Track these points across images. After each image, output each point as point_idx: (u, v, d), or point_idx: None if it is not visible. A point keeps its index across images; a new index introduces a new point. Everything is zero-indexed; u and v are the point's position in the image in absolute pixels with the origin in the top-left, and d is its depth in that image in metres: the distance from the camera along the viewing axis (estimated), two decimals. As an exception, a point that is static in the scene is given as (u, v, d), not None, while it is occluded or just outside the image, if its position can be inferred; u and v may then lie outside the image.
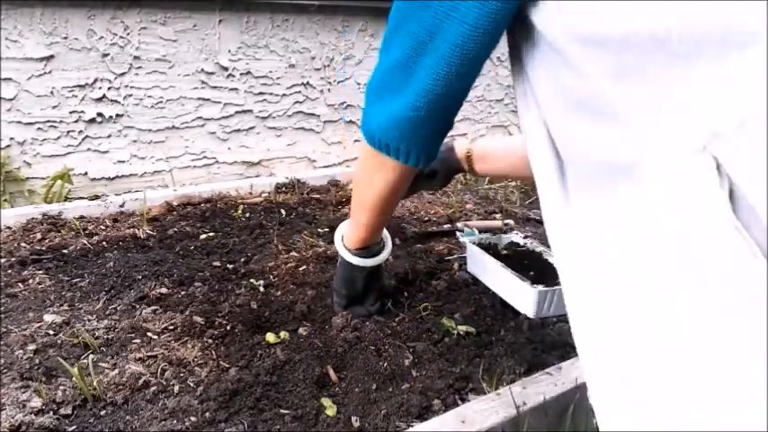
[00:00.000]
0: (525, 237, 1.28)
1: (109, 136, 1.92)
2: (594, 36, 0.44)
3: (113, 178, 1.96)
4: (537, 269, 1.11)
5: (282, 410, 0.82)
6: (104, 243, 1.33)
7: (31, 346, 0.92)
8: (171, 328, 1.00)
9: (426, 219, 1.63)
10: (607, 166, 0.46)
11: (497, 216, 1.69)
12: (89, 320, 1.01)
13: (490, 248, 1.22)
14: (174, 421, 0.79)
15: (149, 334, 0.98)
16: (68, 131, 1.85)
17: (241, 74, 2.07)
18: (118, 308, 1.06)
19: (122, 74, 1.88)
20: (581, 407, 0.89)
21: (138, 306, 1.07)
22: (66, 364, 0.85)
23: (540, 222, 1.66)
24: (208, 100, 2.04)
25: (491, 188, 1.97)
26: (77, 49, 1.79)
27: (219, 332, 0.99)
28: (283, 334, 0.99)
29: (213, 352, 0.94)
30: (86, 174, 1.91)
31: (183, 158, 2.06)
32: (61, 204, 1.54)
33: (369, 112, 0.76)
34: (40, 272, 1.18)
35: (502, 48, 0.58)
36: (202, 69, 1.99)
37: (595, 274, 0.47)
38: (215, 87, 2.04)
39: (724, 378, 0.38)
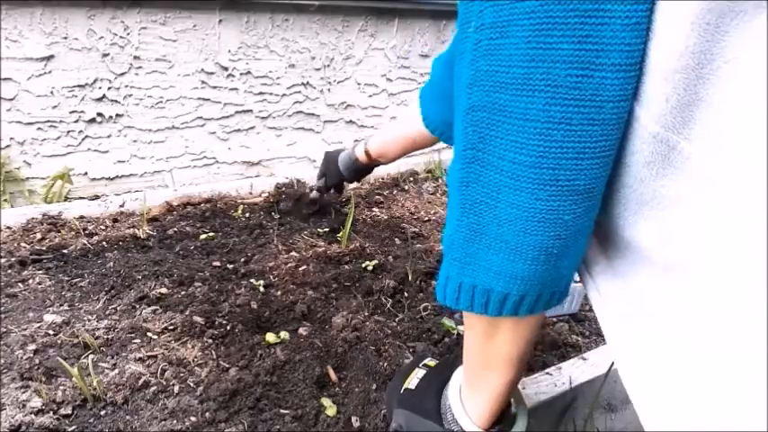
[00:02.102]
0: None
1: (109, 136, 1.92)
2: None
3: (113, 178, 1.96)
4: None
5: (282, 410, 0.82)
6: (104, 243, 1.33)
7: (31, 346, 0.92)
8: (171, 328, 1.00)
9: (426, 219, 1.63)
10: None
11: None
12: (89, 320, 1.01)
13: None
14: (174, 421, 0.79)
15: (149, 334, 0.98)
16: (68, 131, 1.85)
17: (241, 74, 2.07)
18: (118, 308, 1.06)
19: (122, 74, 1.88)
20: (581, 407, 0.89)
21: (138, 306, 1.07)
22: (66, 364, 0.85)
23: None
24: (208, 100, 2.04)
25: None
26: (77, 49, 1.79)
27: (219, 332, 0.99)
28: (283, 334, 0.99)
29: (213, 352, 0.94)
30: (86, 174, 1.91)
31: (183, 158, 2.06)
32: (61, 204, 1.54)
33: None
34: (40, 272, 1.18)
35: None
36: (202, 69, 1.99)
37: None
38: (215, 87, 2.04)
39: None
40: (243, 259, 1.29)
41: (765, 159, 0.34)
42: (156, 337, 0.97)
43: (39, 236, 1.35)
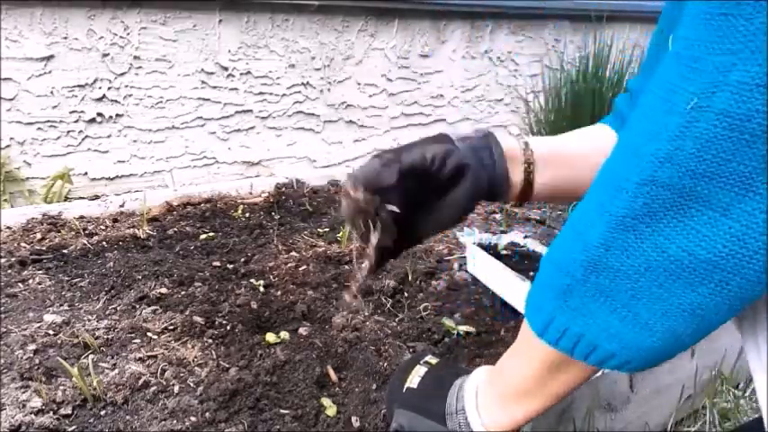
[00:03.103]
0: (525, 237, 1.29)
1: (109, 136, 1.92)
2: None
3: (113, 178, 1.97)
4: (537, 269, 1.11)
5: (282, 410, 0.82)
6: (104, 243, 1.33)
7: (31, 346, 0.92)
8: (171, 328, 1.00)
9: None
10: None
11: (497, 216, 1.69)
12: (89, 320, 1.01)
13: (490, 248, 1.22)
14: (174, 421, 0.79)
15: (149, 334, 0.98)
16: (68, 131, 1.85)
17: (241, 74, 2.07)
18: (118, 308, 1.06)
19: (122, 74, 1.88)
20: (581, 407, 0.89)
21: (138, 306, 1.07)
22: (66, 364, 0.85)
23: (540, 222, 1.66)
24: (208, 100, 2.04)
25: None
26: (77, 49, 1.79)
27: (219, 332, 0.99)
28: (283, 334, 0.99)
29: (213, 352, 0.94)
30: (86, 174, 1.91)
31: (183, 158, 2.06)
32: (61, 204, 1.54)
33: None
34: (40, 272, 1.18)
35: (501, 48, 0.55)
36: (202, 69, 2.00)
37: None
38: (215, 87, 2.04)
39: None
40: (243, 259, 1.29)
41: None
42: (156, 337, 0.97)
43: (39, 236, 1.35)
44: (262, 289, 1.15)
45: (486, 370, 0.66)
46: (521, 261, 1.18)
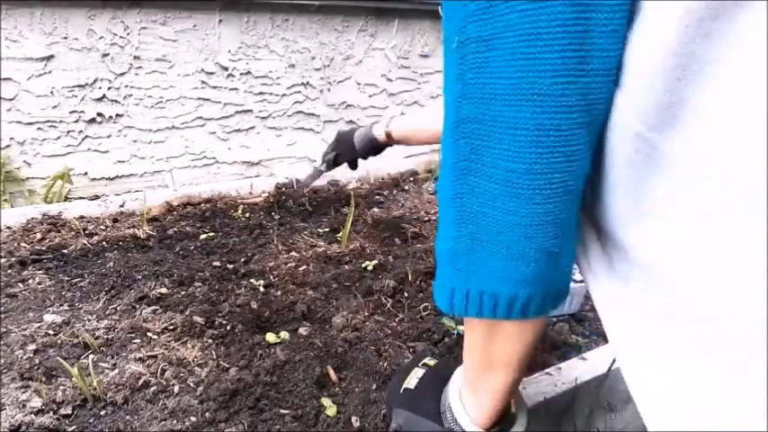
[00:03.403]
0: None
1: (109, 136, 1.92)
2: None
3: (113, 178, 1.97)
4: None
5: (282, 410, 0.82)
6: (104, 243, 1.33)
7: (31, 346, 0.92)
8: (171, 328, 1.00)
9: (426, 219, 1.63)
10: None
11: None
12: (89, 320, 1.01)
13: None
14: (174, 421, 0.79)
15: (149, 334, 0.98)
16: (68, 131, 1.85)
17: (241, 74, 2.07)
18: (118, 308, 1.06)
19: (122, 74, 1.88)
20: (581, 407, 0.89)
21: (138, 306, 1.07)
22: (66, 364, 0.85)
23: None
24: (208, 100, 2.04)
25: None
26: (77, 49, 1.79)
27: (219, 332, 0.99)
28: (283, 334, 1.00)
29: (213, 352, 0.94)
30: (86, 174, 1.91)
31: (183, 158, 2.06)
32: (61, 204, 1.54)
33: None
34: (40, 272, 1.18)
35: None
36: (202, 69, 2.00)
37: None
38: (215, 87, 2.04)
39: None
40: (243, 259, 1.29)
41: (748, 161, 0.34)
42: (156, 337, 0.97)
43: (39, 236, 1.35)
44: (262, 289, 1.15)
45: None
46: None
